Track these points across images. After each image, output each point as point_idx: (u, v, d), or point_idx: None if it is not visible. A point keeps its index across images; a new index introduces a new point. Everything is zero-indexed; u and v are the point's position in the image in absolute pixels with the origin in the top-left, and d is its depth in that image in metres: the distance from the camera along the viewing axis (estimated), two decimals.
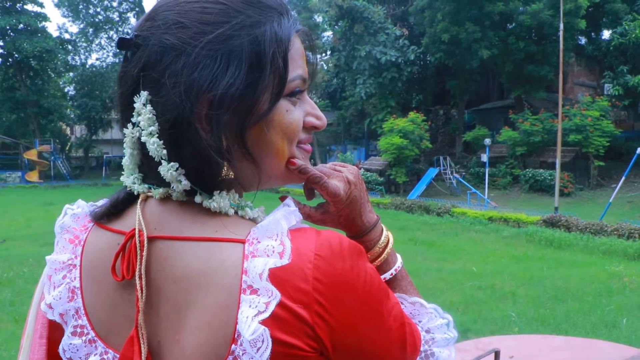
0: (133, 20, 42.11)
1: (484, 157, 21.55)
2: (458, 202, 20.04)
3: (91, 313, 0.74)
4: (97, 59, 43.57)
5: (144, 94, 0.68)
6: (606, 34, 26.40)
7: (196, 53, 0.66)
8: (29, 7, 37.49)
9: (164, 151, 0.68)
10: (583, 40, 27.58)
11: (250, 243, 0.66)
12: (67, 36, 41.76)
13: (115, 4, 41.66)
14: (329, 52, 34.06)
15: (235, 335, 0.62)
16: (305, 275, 0.63)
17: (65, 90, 43.16)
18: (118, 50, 0.73)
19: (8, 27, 35.94)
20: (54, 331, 0.78)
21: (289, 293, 0.62)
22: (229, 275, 0.64)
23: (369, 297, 0.67)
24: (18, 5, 36.88)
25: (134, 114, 0.70)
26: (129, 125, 0.72)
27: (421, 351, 0.80)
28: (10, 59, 37.36)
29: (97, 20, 41.28)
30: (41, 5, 38.13)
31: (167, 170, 0.68)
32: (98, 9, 41.49)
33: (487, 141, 21.75)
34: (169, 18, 0.68)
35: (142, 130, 0.69)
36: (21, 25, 36.29)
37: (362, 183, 0.86)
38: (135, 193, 0.75)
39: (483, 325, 6.03)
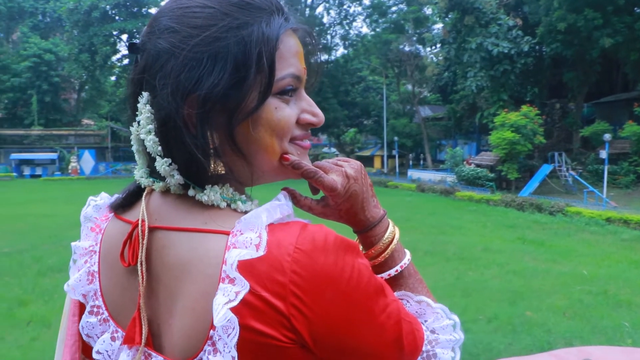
0: None
1: (603, 154, 20.16)
2: (573, 200, 18.90)
3: (106, 295, 0.82)
4: None
5: (145, 95, 0.74)
6: None
7: (184, 56, 0.70)
8: (152, 10, 40.59)
9: (159, 147, 0.74)
10: None
11: (233, 235, 0.69)
12: None
13: None
14: (438, 45, 33.35)
15: (214, 322, 0.65)
16: (283, 267, 0.65)
17: None
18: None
19: (135, 30, 39.25)
20: (83, 310, 0.86)
21: (264, 284, 0.64)
22: (212, 265, 0.68)
23: (354, 292, 0.68)
24: (143, 9, 40.05)
25: (137, 113, 0.76)
26: (134, 124, 0.78)
27: (423, 351, 0.80)
28: None
29: None
30: None
31: (161, 165, 0.74)
32: None
33: (607, 136, 20.27)
34: (162, 24, 0.74)
35: (142, 128, 0.75)
36: None
37: (365, 177, 0.87)
38: (142, 186, 0.82)
39: (590, 333, 5.70)
